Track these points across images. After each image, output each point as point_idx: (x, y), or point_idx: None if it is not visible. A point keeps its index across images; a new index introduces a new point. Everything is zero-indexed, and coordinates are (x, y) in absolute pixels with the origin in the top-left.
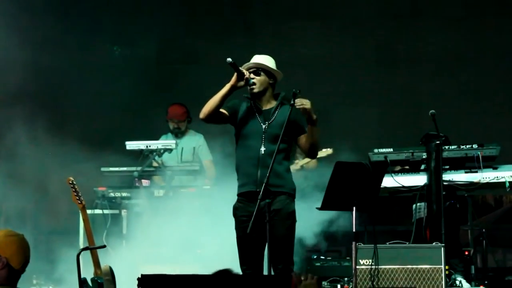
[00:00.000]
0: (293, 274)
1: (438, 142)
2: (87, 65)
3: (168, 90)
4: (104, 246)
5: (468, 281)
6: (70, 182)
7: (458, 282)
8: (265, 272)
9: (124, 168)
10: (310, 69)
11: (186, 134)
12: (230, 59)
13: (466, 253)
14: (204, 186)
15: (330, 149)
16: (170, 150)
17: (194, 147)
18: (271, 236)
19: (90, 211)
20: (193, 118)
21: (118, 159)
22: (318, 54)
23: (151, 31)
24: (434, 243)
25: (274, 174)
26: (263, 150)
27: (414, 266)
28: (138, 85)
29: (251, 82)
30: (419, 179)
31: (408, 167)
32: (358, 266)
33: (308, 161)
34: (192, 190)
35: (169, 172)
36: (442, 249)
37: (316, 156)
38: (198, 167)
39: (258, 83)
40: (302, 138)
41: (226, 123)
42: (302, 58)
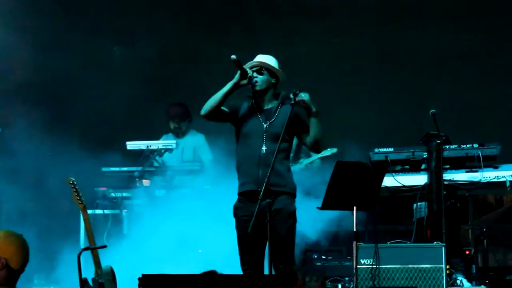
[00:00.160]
0: (298, 276)
1: (439, 142)
2: (88, 65)
3: (168, 90)
4: (105, 246)
5: (469, 280)
6: (71, 182)
7: (459, 282)
8: (265, 272)
9: (125, 168)
10: (311, 68)
11: (187, 134)
12: (234, 56)
13: (467, 252)
14: (204, 186)
15: (335, 148)
16: (171, 150)
17: (195, 147)
18: (272, 236)
19: (91, 211)
20: (193, 118)
21: (119, 159)
22: (319, 53)
23: (152, 31)
24: (435, 243)
25: (275, 173)
26: (264, 149)
27: (415, 266)
28: (138, 85)
29: (254, 80)
30: (420, 179)
31: (408, 167)
32: (359, 266)
33: (312, 160)
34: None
35: (169, 172)
36: (443, 248)
37: (320, 150)
38: (199, 167)
39: (260, 82)
40: (305, 134)
41: (226, 122)
42: (303, 57)
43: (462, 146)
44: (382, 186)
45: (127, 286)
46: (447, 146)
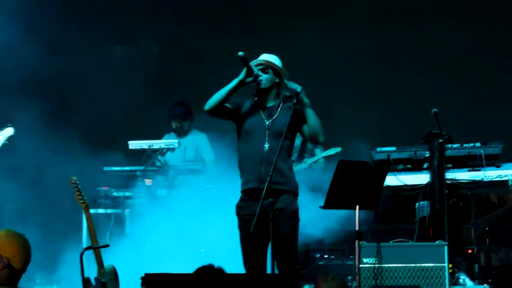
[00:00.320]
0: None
1: (441, 141)
2: (90, 64)
3: (170, 90)
4: (107, 246)
5: (471, 279)
6: (73, 181)
7: (461, 281)
8: (268, 271)
9: (127, 167)
10: (313, 68)
11: (189, 133)
12: (242, 53)
13: (470, 251)
14: (206, 185)
15: (339, 147)
16: (173, 150)
17: (197, 146)
18: (275, 235)
19: (93, 211)
20: (195, 117)
21: (121, 159)
22: (321, 53)
23: (153, 31)
24: (437, 242)
25: (277, 171)
26: (267, 146)
27: (418, 265)
28: (140, 84)
29: (259, 79)
30: (422, 178)
31: (411, 166)
32: (361, 265)
33: (316, 159)
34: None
35: (172, 171)
36: (446, 247)
37: (319, 141)
38: (201, 166)
39: (265, 81)
40: (304, 127)
41: (228, 119)
42: (305, 57)
43: (464, 145)
44: (384, 185)
45: (130, 285)
46: (449, 145)
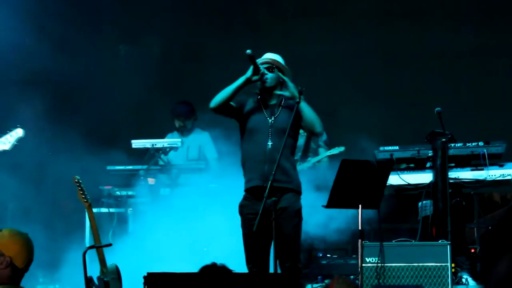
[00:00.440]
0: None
1: (444, 140)
2: (93, 63)
3: (173, 88)
4: (110, 245)
5: (474, 279)
6: (76, 180)
7: (464, 280)
8: (271, 270)
9: (130, 166)
10: (316, 67)
11: (192, 132)
12: (250, 51)
13: (472, 250)
14: (209, 184)
15: (342, 147)
16: (176, 148)
17: (200, 145)
18: (278, 234)
19: (96, 210)
20: (198, 116)
21: (124, 158)
22: (324, 52)
23: (156, 30)
24: (440, 241)
25: (281, 170)
26: (270, 144)
27: (420, 264)
28: (143, 83)
29: (265, 77)
30: (425, 177)
31: (414, 165)
32: (364, 264)
33: (320, 158)
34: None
35: (175, 170)
36: (448, 246)
37: (316, 131)
38: (204, 165)
39: (270, 80)
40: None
41: (232, 117)
42: (308, 56)
43: (468, 144)
44: (387, 185)
45: (133, 285)
46: (452, 144)
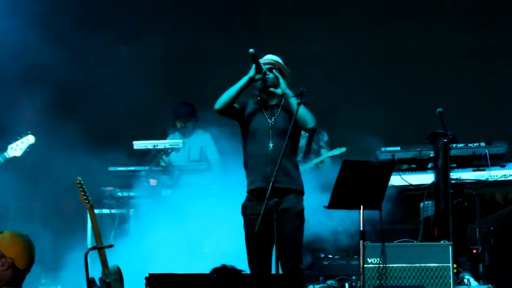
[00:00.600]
0: None
1: (446, 140)
2: (94, 65)
3: (175, 89)
4: (111, 246)
5: (476, 279)
6: (78, 181)
7: (466, 281)
8: (273, 271)
9: (131, 167)
10: (317, 67)
11: (193, 133)
12: (252, 50)
13: (474, 251)
14: (211, 185)
15: (344, 147)
16: (177, 150)
17: (201, 146)
18: (280, 234)
19: (97, 211)
20: (200, 117)
21: (125, 159)
22: (325, 53)
23: (158, 31)
24: (442, 242)
25: (283, 170)
26: (271, 145)
27: (422, 265)
28: (145, 84)
29: (267, 76)
30: (427, 178)
31: (415, 166)
32: (366, 265)
33: (322, 159)
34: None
35: (176, 171)
36: (450, 247)
37: (309, 127)
38: (205, 166)
39: (271, 80)
40: None
41: (234, 119)
42: (309, 57)
43: (469, 145)
44: (389, 185)
45: (134, 286)
46: (454, 145)
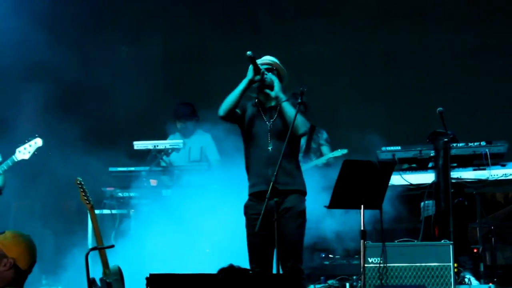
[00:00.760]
0: None
1: (446, 140)
2: (95, 64)
3: (175, 90)
4: (112, 246)
5: (477, 278)
6: (78, 182)
7: (467, 280)
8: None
9: (132, 168)
10: (317, 67)
11: (193, 134)
12: (250, 53)
13: (475, 250)
14: (211, 186)
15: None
16: (178, 150)
17: (201, 147)
18: (281, 234)
19: (98, 211)
20: (200, 117)
21: (126, 159)
22: (325, 53)
23: (158, 31)
24: (442, 241)
25: (284, 172)
26: (271, 148)
27: (423, 264)
28: (145, 85)
29: (265, 76)
30: (427, 177)
31: (416, 165)
32: (366, 264)
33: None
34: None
35: (177, 171)
36: (451, 246)
37: (299, 133)
38: (206, 167)
39: (269, 79)
40: None
41: (237, 123)
42: (309, 57)
43: (470, 144)
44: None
45: (135, 286)
46: (454, 144)
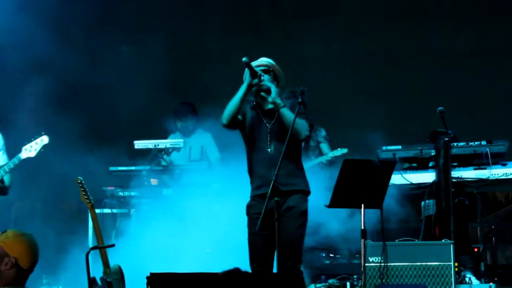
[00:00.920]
0: None
1: (447, 139)
2: (96, 64)
3: (175, 89)
4: (113, 245)
5: (477, 278)
6: (79, 181)
7: (467, 279)
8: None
9: (132, 167)
10: (317, 67)
11: (194, 133)
12: (246, 59)
13: (476, 250)
14: (212, 185)
15: (345, 148)
16: (178, 149)
17: (202, 146)
18: (282, 233)
19: (99, 210)
20: (200, 117)
21: (126, 159)
22: (326, 52)
23: (159, 31)
24: (443, 240)
25: (286, 172)
26: (271, 150)
27: (423, 263)
28: (146, 84)
29: (263, 78)
30: (428, 176)
31: (416, 164)
32: (367, 264)
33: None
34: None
35: (177, 171)
36: (451, 246)
37: (301, 138)
38: (206, 166)
39: (267, 81)
40: None
41: (239, 128)
42: (308, 56)
43: (470, 144)
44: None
45: (135, 285)
46: (455, 144)
